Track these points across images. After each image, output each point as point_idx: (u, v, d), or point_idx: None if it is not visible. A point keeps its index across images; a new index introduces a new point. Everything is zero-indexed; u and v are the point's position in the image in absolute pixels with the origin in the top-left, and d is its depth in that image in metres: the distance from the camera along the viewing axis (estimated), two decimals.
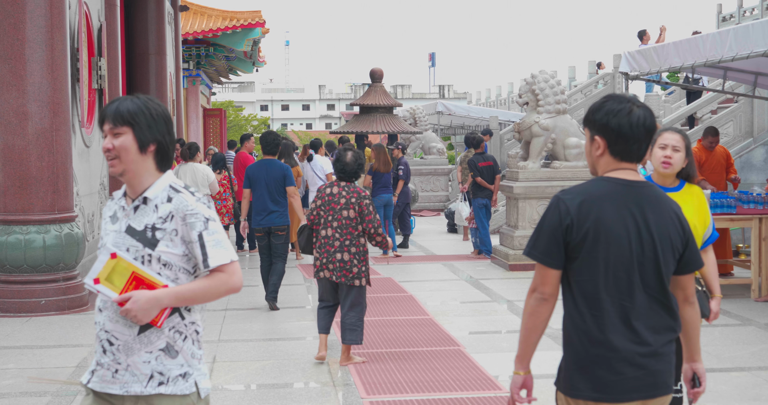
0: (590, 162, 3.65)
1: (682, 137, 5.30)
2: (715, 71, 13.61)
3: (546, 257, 3.51)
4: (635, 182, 3.53)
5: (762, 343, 8.73)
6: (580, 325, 3.51)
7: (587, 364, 3.49)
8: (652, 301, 3.50)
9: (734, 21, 32.18)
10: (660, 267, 3.50)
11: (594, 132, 3.56)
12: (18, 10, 10.63)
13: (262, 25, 28.00)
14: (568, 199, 3.49)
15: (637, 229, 3.47)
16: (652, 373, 3.48)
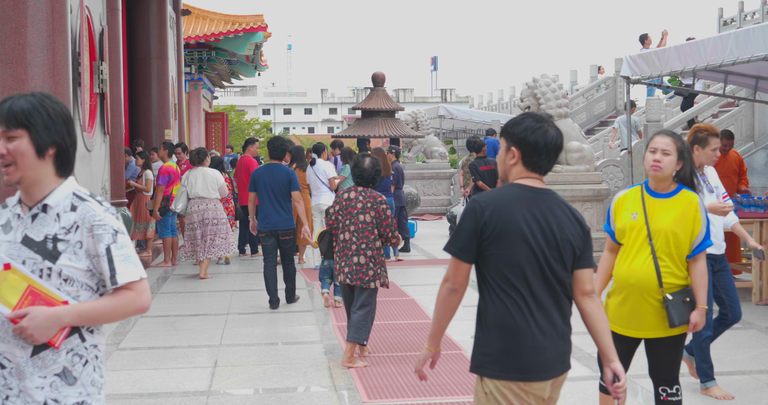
0: (503, 169, 4.08)
1: (673, 140, 5.30)
2: (716, 75, 13.61)
3: (461, 253, 3.90)
4: (541, 189, 3.99)
5: (763, 346, 8.72)
6: (495, 314, 3.90)
7: (506, 349, 3.87)
8: (554, 293, 3.98)
9: (735, 25, 32.19)
10: (562, 263, 3.96)
11: (511, 143, 4.00)
12: (19, 14, 10.65)
13: (264, 29, 28.05)
14: (483, 202, 3.91)
15: (542, 229, 3.91)
16: (560, 354, 3.98)
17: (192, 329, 9.94)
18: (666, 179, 5.32)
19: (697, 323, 5.26)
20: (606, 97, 27.62)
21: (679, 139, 5.34)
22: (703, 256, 5.28)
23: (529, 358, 3.87)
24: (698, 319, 5.26)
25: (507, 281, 3.89)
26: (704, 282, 5.28)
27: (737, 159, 12.90)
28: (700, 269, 5.28)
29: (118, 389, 7.46)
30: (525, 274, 3.88)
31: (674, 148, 5.27)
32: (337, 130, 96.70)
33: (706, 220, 5.28)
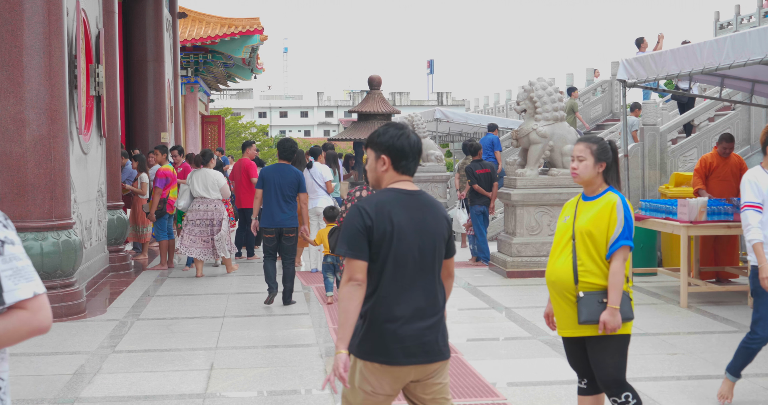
0: (374, 177, 4.54)
1: (587, 146, 5.39)
2: (712, 79, 13.63)
3: (357, 252, 4.31)
4: (413, 191, 4.48)
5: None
6: (382, 305, 4.33)
7: (381, 335, 4.31)
8: (432, 283, 4.46)
9: (731, 28, 32.20)
10: (436, 255, 4.48)
11: (380, 152, 4.48)
12: (16, 17, 10.64)
13: (261, 32, 28.05)
14: (367, 206, 4.38)
15: (418, 227, 4.41)
16: (431, 341, 4.38)
17: (188, 332, 9.93)
18: (590, 183, 5.39)
19: (606, 322, 5.20)
20: (602, 100, 27.65)
21: (596, 143, 5.40)
22: (618, 255, 5.23)
23: (394, 344, 4.31)
24: (607, 318, 5.18)
25: (389, 275, 4.35)
26: (616, 281, 5.21)
27: (738, 162, 12.91)
28: (613, 269, 5.24)
29: (114, 392, 7.45)
30: (406, 268, 4.37)
31: (588, 152, 5.36)
32: (334, 134, 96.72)
33: (623, 220, 5.25)
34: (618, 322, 5.20)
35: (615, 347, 5.34)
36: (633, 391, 5.37)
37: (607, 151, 5.38)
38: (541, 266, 13.72)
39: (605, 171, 5.38)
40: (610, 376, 5.34)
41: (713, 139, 17.03)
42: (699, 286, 11.77)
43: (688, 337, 9.38)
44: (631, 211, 5.33)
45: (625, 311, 5.24)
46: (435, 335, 4.40)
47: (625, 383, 5.37)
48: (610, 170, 5.39)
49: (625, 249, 5.24)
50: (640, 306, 11.23)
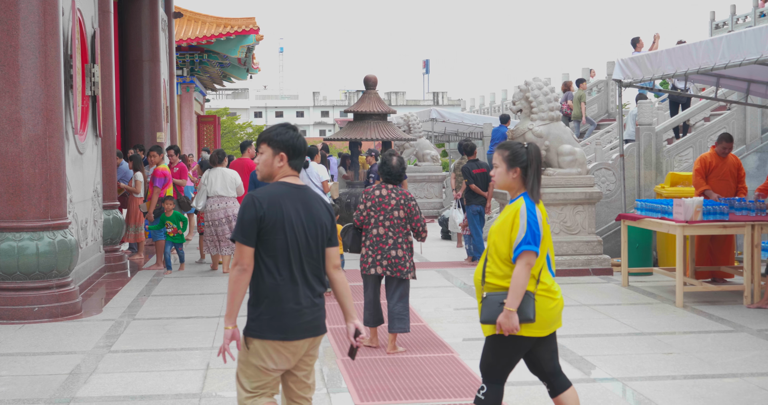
0: (269, 171, 5.01)
1: (500, 152, 5.48)
2: (708, 78, 13.65)
3: (247, 239, 4.81)
4: (301, 185, 5.02)
5: (754, 349, 8.74)
6: (269, 286, 4.85)
7: (276, 315, 4.84)
8: (315, 268, 4.97)
9: (727, 28, 32.23)
10: (320, 244, 4.98)
11: (279, 149, 4.96)
12: (11, 17, 10.63)
13: (256, 32, 28.04)
14: (259, 197, 4.86)
15: (306, 217, 4.93)
16: (317, 318, 4.95)
17: (184, 332, 9.92)
18: (509, 188, 5.49)
19: (501, 324, 5.25)
20: (598, 100, 27.63)
21: (508, 149, 5.45)
22: (520, 260, 5.26)
23: (290, 322, 4.86)
24: (502, 320, 5.24)
25: (278, 260, 4.86)
26: (514, 285, 5.24)
27: (736, 163, 12.93)
28: (514, 272, 5.29)
29: (110, 392, 7.44)
30: (293, 254, 4.88)
31: (501, 159, 5.45)
32: (329, 133, 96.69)
33: (525, 225, 5.28)
34: (513, 325, 5.24)
35: (491, 345, 5.44)
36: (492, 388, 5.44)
37: (519, 156, 5.41)
38: None
39: (524, 176, 5.43)
40: (480, 366, 5.50)
41: (709, 138, 17.04)
42: (694, 285, 11.78)
43: (684, 337, 9.39)
44: (537, 217, 5.33)
45: (526, 312, 5.27)
46: (321, 312, 5.00)
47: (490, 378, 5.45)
48: (528, 175, 5.42)
49: (528, 254, 5.26)
50: (635, 305, 11.25)
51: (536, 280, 5.35)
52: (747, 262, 11.12)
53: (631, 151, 16.56)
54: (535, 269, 5.35)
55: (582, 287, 12.69)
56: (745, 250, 11.18)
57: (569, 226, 13.90)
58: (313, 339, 4.98)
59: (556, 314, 5.43)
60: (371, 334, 9.13)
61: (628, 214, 12.93)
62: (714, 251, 12.86)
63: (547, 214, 5.56)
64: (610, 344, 9.04)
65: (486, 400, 5.42)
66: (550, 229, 5.50)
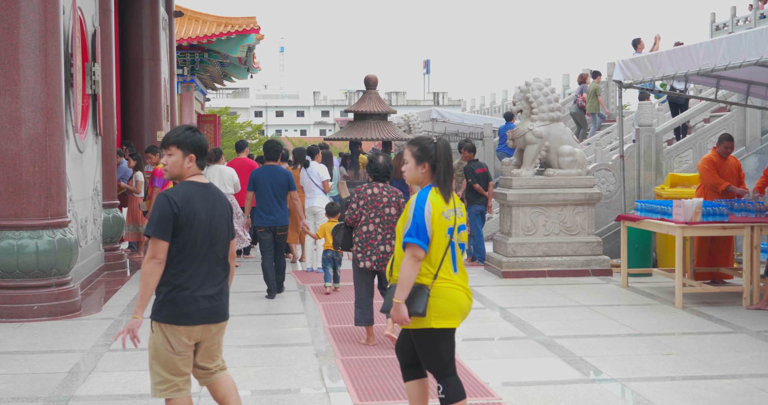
0: (178, 172, 5.44)
1: (409, 148, 5.64)
2: (708, 80, 13.65)
3: (163, 234, 5.23)
4: (207, 184, 5.49)
5: (753, 350, 8.74)
6: (180, 278, 5.29)
7: (180, 302, 5.28)
8: (221, 260, 5.47)
9: (727, 30, 32.23)
10: (225, 238, 5.50)
11: (189, 151, 5.40)
12: (12, 15, 10.63)
13: (257, 31, 28.00)
14: (173, 195, 5.30)
15: (211, 213, 5.41)
16: (220, 305, 5.46)
17: None
18: (419, 183, 5.62)
19: (391, 315, 5.38)
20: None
21: (417, 145, 5.59)
22: (405, 252, 5.38)
23: (197, 309, 5.31)
24: (391, 312, 5.38)
25: (187, 252, 5.30)
26: (401, 277, 5.36)
27: (736, 164, 12.94)
28: (401, 264, 5.41)
29: (109, 390, 7.45)
30: (201, 247, 5.34)
31: (410, 155, 5.60)
32: (330, 133, 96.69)
33: (411, 218, 5.39)
34: (401, 316, 5.35)
35: (418, 343, 5.52)
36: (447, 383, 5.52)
37: (428, 151, 5.55)
38: (536, 266, 13.73)
39: (433, 171, 5.55)
40: (426, 367, 5.62)
41: (709, 140, 17.05)
42: (694, 286, 11.78)
43: (683, 338, 9.39)
44: (425, 210, 5.40)
45: (415, 306, 5.35)
46: (224, 300, 5.50)
47: (438, 374, 5.55)
48: (437, 170, 5.54)
49: (411, 246, 5.35)
50: (635, 306, 11.26)
51: (434, 275, 5.42)
52: (746, 263, 11.12)
53: (631, 152, 16.57)
54: (433, 263, 5.42)
55: (581, 288, 12.70)
56: (744, 252, 11.18)
57: (569, 227, 13.91)
58: (217, 324, 5.47)
59: (465, 306, 5.53)
60: (368, 333, 9.26)
61: (627, 215, 12.93)
62: (714, 252, 12.86)
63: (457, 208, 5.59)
64: (609, 345, 9.04)
65: (448, 398, 5.51)
66: (455, 224, 5.52)
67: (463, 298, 5.49)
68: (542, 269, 13.75)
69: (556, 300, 11.76)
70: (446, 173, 5.53)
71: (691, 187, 14.26)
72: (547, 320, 10.36)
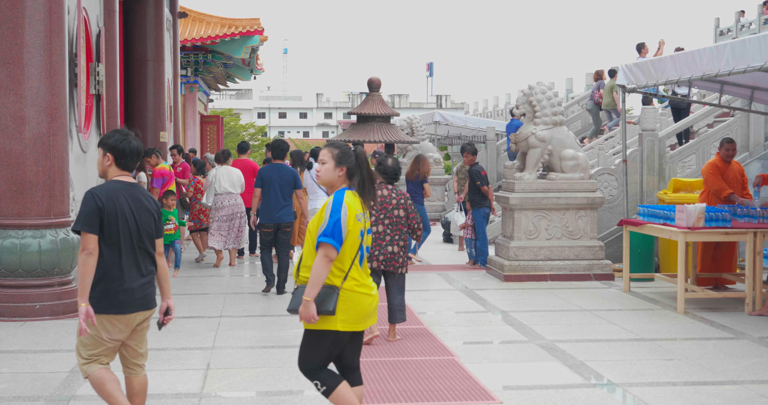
0: (101, 170, 5.92)
1: (329, 150, 5.77)
2: (711, 85, 13.65)
3: (91, 228, 5.66)
4: (132, 183, 5.89)
5: (755, 356, 8.74)
6: (109, 269, 5.71)
7: (111, 293, 5.71)
8: (145, 254, 5.89)
9: (731, 35, 32.21)
10: (150, 234, 5.90)
11: (106, 151, 5.84)
12: (17, 15, 10.65)
13: (261, 33, 28.01)
14: (98, 192, 5.73)
15: (137, 210, 5.82)
16: (148, 295, 5.88)
17: (185, 331, 9.93)
18: (331, 185, 5.75)
19: (299, 312, 5.50)
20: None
21: (339, 148, 5.75)
22: (318, 251, 5.49)
23: (123, 299, 5.74)
24: (300, 309, 5.50)
25: (114, 246, 5.73)
26: (312, 276, 5.47)
27: (740, 169, 12.93)
28: (313, 263, 5.53)
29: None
30: (126, 241, 5.77)
31: (330, 156, 5.73)
32: (332, 135, 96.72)
33: (328, 218, 5.51)
34: (309, 314, 5.47)
35: (307, 339, 5.68)
36: (323, 380, 5.64)
37: (348, 156, 5.73)
38: (538, 270, 13.73)
39: (349, 174, 5.72)
40: (299, 363, 5.74)
41: (712, 145, 17.04)
42: (696, 292, 11.78)
43: (685, 343, 9.39)
44: (341, 212, 5.52)
45: (326, 305, 5.48)
46: (151, 289, 5.92)
47: (312, 373, 5.68)
48: (354, 174, 5.72)
49: (325, 246, 5.46)
50: (636, 311, 11.25)
51: (344, 276, 5.55)
52: (749, 269, 11.11)
53: (634, 156, 16.56)
54: (344, 265, 5.55)
55: (583, 292, 12.70)
56: (747, 258, 11.18)
57: (571, 231, 13.91)
58: (144, 312, 5.87)
59: (371, 310, 5.67)
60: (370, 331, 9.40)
61: (630, 219, 12.93)
62: (717, 258, 12.86)
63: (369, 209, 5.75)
64: (610, 350, 9.04)
65: (329, 388, 5.63)
66: (365, 227, 5.67)
67: (366, 302, 5.64)
68: (544, 273, 13.75)
69: (557, 304, 11.75)
70: (367, 180, 5.73)
71: (694, 192, 14.25)
72: (548, 324, 10.36)
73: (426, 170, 15.87)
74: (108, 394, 5.84)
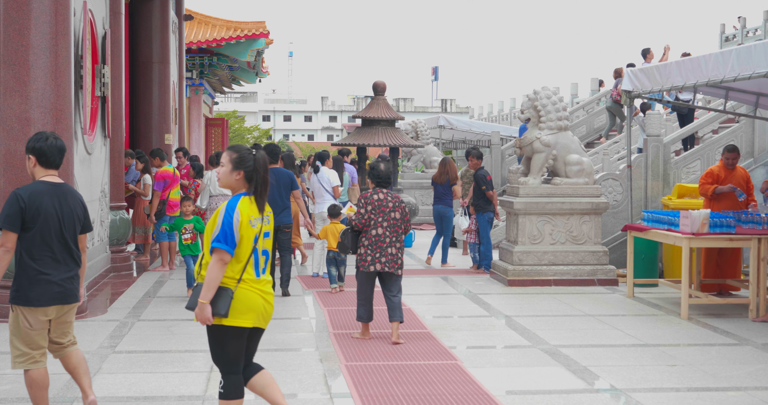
0: (29, 171, 6.40)
1: (228, 154, 5.87)
2: (716, 91, 13.64)
3: (11, 226, 6.15)
4: (59, 183, 6.38)
5: (759, 363, 8.73)
6: (31, 265, 6.21)
7: (34, 286, 6.20)
8: (69, 250, 6.35)
9: (737, 41, 32.20)
10: (74, 231, 6.38)
11: (28, 153, 6.35)
12: (23, 17, 10.66)
13: (266, 36, 28.05)
14: (22, 193, 6.20)
15: (61, 210, 6.29)
16: (70, 289, 6.34)
17: (188, 334, 9.93)
18: (230, 188, 5.88)
19: (195, 314, 5.69)
20: (606, 110, 27.61)
21: (237, 152, 5.86)
22: (212, 255, 5.67)
23: (46, 291, 6.22)
24: (195, 311, 5.68)
25: (40, 243, 6.20)
26: (207, 279, 5.62)
27: (744, 175, 12.91)
28: (207, 267, 5.70)
29: (113, 392, 7.45)
30: (52, 239, 6.24)
31: (228, 160, 5.85)
32: (337, 138, 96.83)
33: (220, 224, 5.65)
34: (204, 316, 5.65)
35: (210, 337, 5.86)
36: (228, 380, 5.82)
37: (245, 160, 5.81)
38: (542, 275, 13.72)
39: (247, 179, 5.82)
40: (214, 361, 5.91)
41: (717, 151, 17.04)
42: (700, 297, 11.76)
43: (688, 349, 9.38)
44: (233, 218, 5.67)
45: (218, 307, 5.66)
46: (73, 284, 6.36)
47: (223, 370, 5.87)
48: (252, 179, 5.83)
49: (218, 251, 5.63)
50: (640, 317, 11.24)
51: (238, 278, 5.73)
52: (753, 275, 11.10)
53: (639, 162, 16.56)
54: (239, 267, 5.72)
55: (587, 297, 12.68)
56: (751, 264, 11.16)
57: (575, 236, 13.90)
58: (62, 306, 6.34)
59: (265, 311, 5.87)
60: (364, 328, 9.72)
61: (634, 224, 12.92)
62: (721, 264, 12.85)
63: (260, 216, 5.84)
64: (614, 355, 9.03)
65: (226, 393, 5.80)
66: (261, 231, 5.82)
67: (258, 301, 5.80)
68: (548, 278, 13.74)
69: (561, 309, 11.74)
70: (262, 185, 5.83)
71: (698, 198, 14.25)
72: (552, 329, 10.35)
73: (454, 173, 16.11)
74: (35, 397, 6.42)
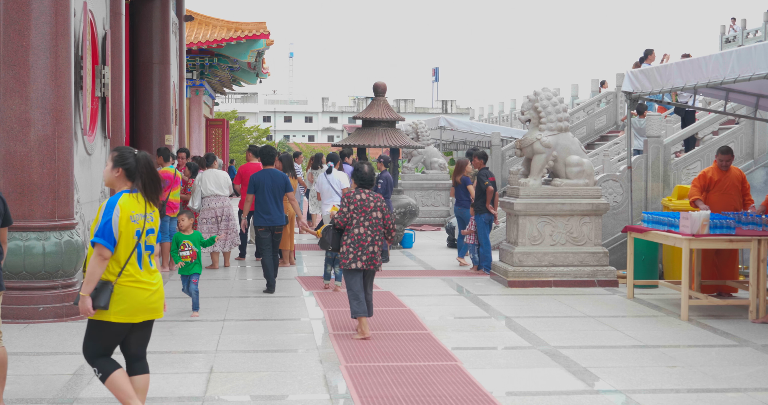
0: None
1: (111, 153, 6.16)
2: (717, 92, 13.64)
3: None
4: None
5: (758, 364, 8.72)
6: None
7: None
8: None
9: (737, 42, 32.21)
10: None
11: None
12: (23, 17, 10.66)
13: (267, 37, 28.07)
14: None
15: None
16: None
17: (188, 335, 9.93)
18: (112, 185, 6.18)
19: (79, 306, 5.93)
20: (607, 111, 27.63)
21: (118, 151, 6.15)
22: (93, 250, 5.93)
23: None
24: (78, 303, 5.94)
25: None
26: (87, 273, 5.90)
27: (739, 176, 12.91)
28: (89, 261, 5.97)
29: None
30: None
31: (110, 158, 6.15)
32: (338, 139, 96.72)
33: (102, 221, 5.94)
34: (85, 308, 5.92)
35: (87, 329, 6.16)
36: (100, 367, 6.11)
37: (125, 159, 6.09)
38: (542, 276, 13.72)
39: (129, 176, 6.10)
40: (82, 350, 6.19)
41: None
42: (700, 299, 11.76)
43: (688, 350, 9.37)
44: (113, 214, 5.95)
45: (98, 300, 5.92)
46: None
47: (92, 359, 6.15)
48: (133, 177, 6.10)
49: (98, 246, 5.91)
50: (640, 318, 11.23)
51: (119, 272, 5.97)
52: (753, 276, 11.09)
53: (639, 163, 16.55)
54: (119, 262, 5.97)
55: (587, 299, 12.68)
56: (751, 265, 11.16)
57: (575, 237, 13.90)
58: None
59: (149, 304, 6.13)
60: (362, 324, 9.79)
61: (634, 226, 12.92)
62: (719, 265, 12.85)
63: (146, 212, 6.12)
64: (614, 356, 9.03)
65: (104, 374, 6.08)
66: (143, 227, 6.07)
67: (139, 295, 6.05)
68: (548, 279, 13.73)
69: (561, 310, 11.74)
70: (148, 182, 6.09)
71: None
72: (552, 330, 10.35)
73: (467, 171, 16.34)
74: None
